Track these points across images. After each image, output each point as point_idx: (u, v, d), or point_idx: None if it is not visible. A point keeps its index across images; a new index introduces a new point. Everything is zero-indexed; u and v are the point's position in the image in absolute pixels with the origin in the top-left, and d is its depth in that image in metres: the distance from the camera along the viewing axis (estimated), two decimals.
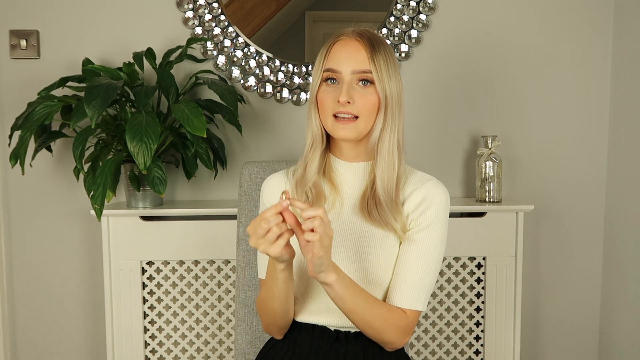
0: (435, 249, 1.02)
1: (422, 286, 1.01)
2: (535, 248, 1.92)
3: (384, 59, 1.00)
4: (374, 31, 1.04)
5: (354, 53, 0.99)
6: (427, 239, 1.02)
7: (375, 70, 0.99)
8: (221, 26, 1.79)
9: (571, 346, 1.95)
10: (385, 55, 1.00)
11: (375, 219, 1.02)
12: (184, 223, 1.65)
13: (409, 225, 1.03)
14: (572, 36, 1.86)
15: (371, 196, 1.03)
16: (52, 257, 1.85)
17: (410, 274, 1.01)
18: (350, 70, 0.99)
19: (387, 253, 1.02)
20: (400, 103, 1.02)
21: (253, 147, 1.86)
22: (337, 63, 1.00)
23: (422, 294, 1.01)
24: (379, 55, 0.99)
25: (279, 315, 1.03)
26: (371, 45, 1.00)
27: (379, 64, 0.99)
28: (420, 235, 1.02)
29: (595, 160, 1.90)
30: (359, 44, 1.00)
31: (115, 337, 1.66)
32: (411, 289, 1.01)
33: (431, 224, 1.02)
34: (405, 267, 1.01)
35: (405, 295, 1.01)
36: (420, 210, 1.03)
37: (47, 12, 1.78)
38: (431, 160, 1.88)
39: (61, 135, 1.66)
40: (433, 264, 1.02)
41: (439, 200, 1.03)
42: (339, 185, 1.07)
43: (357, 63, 0.99)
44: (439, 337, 1.74)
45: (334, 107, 1.00)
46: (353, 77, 0.99)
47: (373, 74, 0.99)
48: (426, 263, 1.01)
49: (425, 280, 1.01)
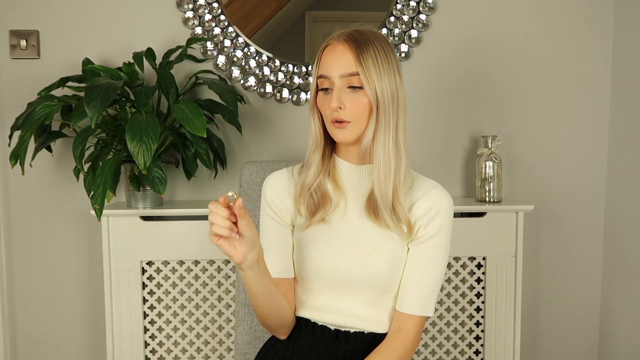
0: (443, 256, 1.04)
1: (431, 293, 1.04)
2: (535, 248, 1.92)
3: (373, 59, 0.97)
4: (368, 29, 1.02)
5: (339, 57, 0.98)
6: (435, 247, 1.03)
7: (363, 72, 0.97)
8: (221, 26, 1.79)
9: (571, 346, 1.95)
10: (375, 54, 0.98)
11: (382, 221, 1.02)
12: (184, 223, 1.65)
13: (417, 232, 1.04)
14: (572, 36, 1.86)
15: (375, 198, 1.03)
16: (52, 257, 1.85)
17: (421, 281, 1.03)
18: (338, 74, 0.98)
19: (391, 256, 1.03)
20: (396, 101, 0.99)
21: (253, 147, 1.86)
22: (327, 69, 0.99)
23: (432, 300, 1.04)
24: (366, 55, 0.97)
25: (263, 313, 1.03)
26: (357, 46, 0.97)
27: (367, 64, 0.97)
28: (428, 243, 1.03)
29: (595, 160, 1.90)
30: (344, 47, 0.98)
31: (115, 337, 1.66)
32: (422, 296, 1.03)
33: (439, 231, 1.03)
34: (415, 274, 1.03)
35: (417, 302, 1.03)
36: (428, 218, 1.03)
37: (47, 12, 1.78)
38: (431, 160, 1.88)
39: (61, 135, 1.66)
40: (441, 270, 1.04)
41: (446, 208, 1.04)
42: (343, 186, 1.07)
43: (343, 67, 0.98)
44: (439, 337, 1.74)
45: (330, 113, 1.00)
46: (342, 81, 0.98)
47: (361, 76, 0.97)
48: (435, 270, 1.04)
49: (435, 286, 1.04)
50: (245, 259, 0.90)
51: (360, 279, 1.02)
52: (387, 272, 1.02)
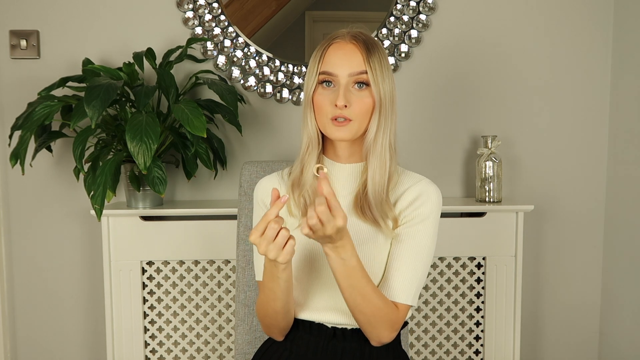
0: (427, 244, 1.03)
1: (414, 281, 1.01)
2: (535, 248, 1.92)
3: (379, 61, 1.01)
4: (367, 32, 1.06)
5: (350, 56, 1.00)
6: (420, 233, 1.02)
7: (372, 73, 1.00)
8: (221, 26, 1.79)
9: (571, 346, 1.95)
10: (380, 57, 1.01)
11: (368, 217, 1.03)
12: (184, 223, 1.65)
13: (401, 221, 1.04)
14: (573, 36, 1.86)
15: (364, 196, 1.04)
16: (52, 257, 1.85)
17: (403, 268, 1.01)
18: (347, 73, 1.00)
19: (381, 251, 1.03)
20: (393, 104, 1.04)
21: (253, 147, 1.86)
22: (333, 66, 1.00)
23: (414, 289, 1.02)
24: (374, 57, 1.00)
25: (280, 316, 1.03)
26: (366, 47, 1.01)
27: (375, 66, 1.00)
28: (413, 229, 1.02)
29: (595, 160, 1.90)
30: (354, 46, 1.01)
31: (115, 337, 1.66)
32: (404, 283, 1.01)
33: (426, 219, 1.03)
34: (397, 261, 1.02)
35: (398, 289, 1.01)
36: (415, 206, 1.03)
37: (47, 12, 1.78)
38: (431, 160, 1.88)
39: (61, 135, 1.66)
40: (425, 259, 1.03)
41: (434, 197, 1.05)
42: (332, 186, 1.07)
43: (353, 66, 1.00)
44: (439, 337, 1.74)
45: (331, 110, 1.00)
46: (349, 79, 1.00)
47: (369, 76, 1.00)
48: (418, 257, 1.02)
49: (417, 274, 1.02)
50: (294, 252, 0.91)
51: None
52: (378, 267, 1.02)
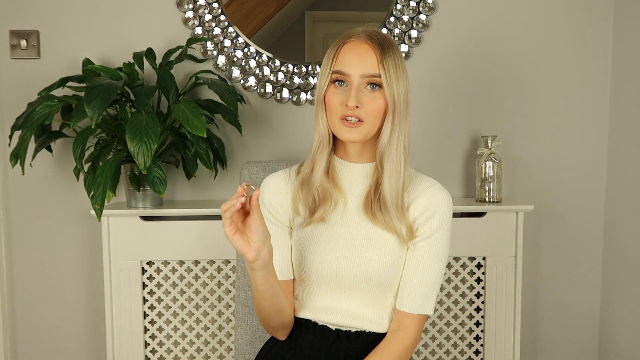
0: (442, 254, 1.04)
1: (431, 291, 1.04)
2: (535, 248, 1.92)
3: (393, 63, 0.99)
4: (383, 32, 1.03)
5: (363, 56, 0.98)
6: (435, 245, 1.03)
7: (385, 75, 0.98)
8: (221, 26, 1.79)
9: (571, 346, 1.95)
10: (395, 58, 0.99)
11: (379, 221, 1.02)
12: (184, 223, 1.65)
13: (416, 231, 1.04)
14: (572, 36, 1.86)
15: (375, 198, 1.03)
16: (52, 257, 1.85)
17: (419, 279, 1.03)
18: (359, 73, 0.98)
19: (390, 254, 1.03)
20: (407, 106, 1.02)
21: (253, 147, 1.86)
22: (347, 66, 0.99)
23: (432, 298, 1.04)
24: (388, 59, 0.98)
25: (267, 315, 1.03)
26: (381, 48, 0.98)
27: (388, 68, 0.98)
28: (427, 242, 1.03)
29: (595, 160, 1.90)
30: (369, 47, 0.99)
31: (115, 337, 1.66)
32: (421, 294, 1.03)
33: (438, 229, 1.03)
34: (415, 273, 1.03)
35: (416, 300, 1.03)
36: (426, 216, 1.03)
37: (47, 12, 1.78)
38: (431, 160, 1.88)
39: (61, 135, 1.66)
40: (440, 268, 1.04)
41: (445, 206, 1.04)
42: (342, 186, 1.07)
43: (366, 67, 0.98)
44: (439, 337, 1.74)
45: (342, 109, 0.99)
46: (362, 80, 0.98)
47: (382, 79, 0.98)
48: (434, 268, 1.04)
49: (434, 284, 1.04)
50: (258, 256, 0.91)
51: (360, 279, 1.02)
52: (386, 271, 1.02)
